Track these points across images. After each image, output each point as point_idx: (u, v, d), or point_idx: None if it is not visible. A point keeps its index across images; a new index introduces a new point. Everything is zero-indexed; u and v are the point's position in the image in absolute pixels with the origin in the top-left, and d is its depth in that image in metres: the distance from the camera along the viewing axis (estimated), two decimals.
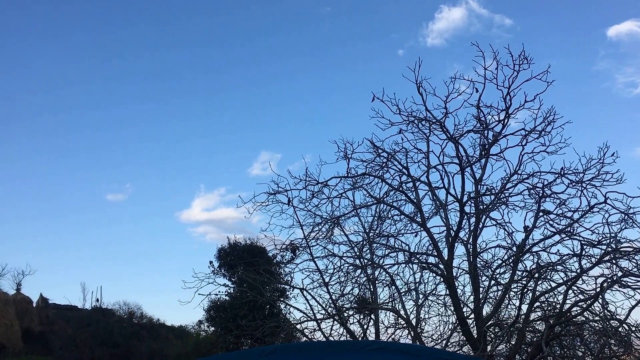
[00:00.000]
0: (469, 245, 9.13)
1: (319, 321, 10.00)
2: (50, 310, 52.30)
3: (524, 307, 8.62)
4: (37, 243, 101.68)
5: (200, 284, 10.14)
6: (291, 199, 9.91)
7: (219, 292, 25.36)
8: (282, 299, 17.08)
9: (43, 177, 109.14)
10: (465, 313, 9.00)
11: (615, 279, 7.93)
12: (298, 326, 10.56)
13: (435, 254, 9.13)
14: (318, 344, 4.53)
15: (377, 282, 10.07)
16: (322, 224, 10.11)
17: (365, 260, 10.02)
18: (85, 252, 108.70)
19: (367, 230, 10.08)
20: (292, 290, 12.77)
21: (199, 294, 10.11)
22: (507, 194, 9.21)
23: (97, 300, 63.39)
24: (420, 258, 9.54)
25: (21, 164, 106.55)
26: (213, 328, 35.14)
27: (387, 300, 10.06)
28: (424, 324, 9.73)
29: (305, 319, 10.19)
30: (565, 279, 8.62)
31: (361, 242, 10.08)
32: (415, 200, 9.32)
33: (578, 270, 8.35)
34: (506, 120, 8.87)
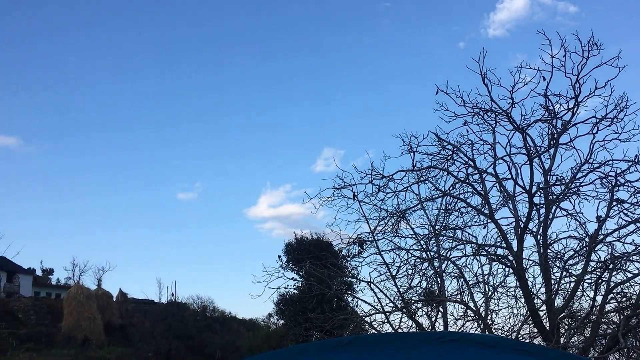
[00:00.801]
0: (539, 237, 8.98)
1: (387, 314, 10.07)
2: (129, 304, 54.51)
3: (598, 299, 8.43)
4: (116, 241, 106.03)
5: (269, 279, 10.34)
6: (356, 194, 10.01)
7: (288, 286, 25.88)
8: (349, 292, 17.25)
9: (119, 179, 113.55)
10: (536, 305, 8.87)
11: None
12: (367, 319, 10.67)
13: (504, 245, 9.04)
14: (394, 335, 4.54)
15: (444, 274, 10.06)
16: (388, 218, 10.16)
17: (432, 253, 10.02)
18: (160, 248, 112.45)
19: (433, 223, 10.07)
20: (359, 284, 12.87)
21: (269, 288, 10.31)
22: (578, 184, 9.00)
23: (172, 294, 65.56)
24: (489, 250, 9.46)
25: (98, 167, 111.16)
26: (282, 321, 35.80)
27: (455, 293, 10.03)
28: (494, 315, 9.66)
29: (373, 311, 10.27)
30: None
31: (427, 235, 10.09)
32: (482, 192, 9.24)
33: None
34: (576, 109, 8.67)
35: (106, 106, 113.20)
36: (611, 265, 8.44)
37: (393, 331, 9.40)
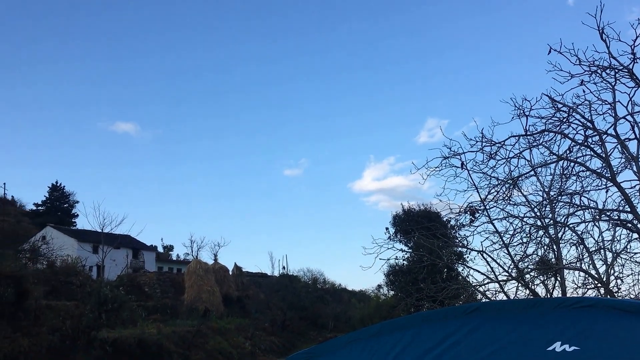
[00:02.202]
0: None
1: (501, 283, 9.87)
2: (244, 277, 57.00)
3: None
4: (229, 218, 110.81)
5: (379, 250, 10.40)
6: (465, 162, 9.78)
7: (397, 257, 25.89)
8: (460, 262, 17.02)
9: (229, 160, 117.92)
10: None
11: None
12: (480, 288, 10.52)
13: (628, 209, 8.52)
14: (521, 302, 4.38)
15: (561, 241, 9.68)
16: (500, 186, 9.88)
17: (548, 220, 9.65)
18: (270, 224, 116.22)
19: (548, 190, 9.68)
20: (470, 253, 12.64)
21: (379, 259, 10.38)
22: None
23: (284, 267, 67.76)
24: (611, 215, 8.96)
25: (211, 146, 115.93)
26: (392, 292, 35.97)
27: (574, 261, 9.63)
28: (619, 282, 9.19)
29: (487, 280, 10.11)
30: None
31: (541, 202, 9.71)
32: (602, 155, 8.74)
33: None
34: None
35: (213, 93, 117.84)
36: None
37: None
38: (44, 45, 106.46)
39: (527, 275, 9.88)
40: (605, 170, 8.78)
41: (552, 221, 9.67)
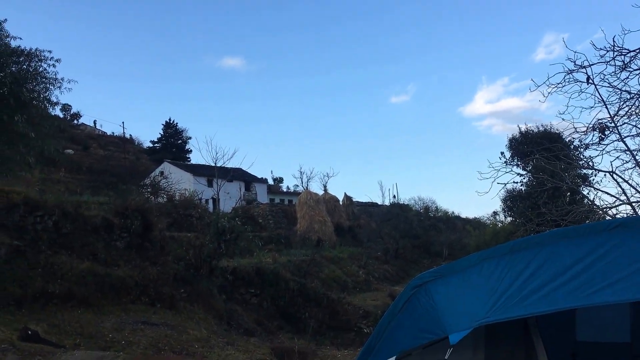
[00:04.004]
0: None
1: (634, 205, 9.01)
2: (355, 207, 57.48)
3: None
4: (336, 149, 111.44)
5: (496, 174, 9.86)
6: (591, 76, 8.77)
7: (515, 182, 24.78)
8: (585, 184, 15.88)
9: (335, 88, 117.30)
10: None
11: None
12: (610, 211, 9.72)
13: None
14: None
15: None
16: (633, 100, 8.82)
17: None
18: (377, 153, 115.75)
19: None
20: (596, 175, 11.66)
21: (497, 183, 9.88)
22: None
23: (394, 196, 67.66)
24: None
25: (316, 78, 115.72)
26: (510, 218, 34.75)
27: None
28: None
29: (617, 203, 9.31)
30: None
31: None
32: None
33: None
34: None
35: (315, 25, 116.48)
36: None
37: None
38: None
39: None
40: None
41: None
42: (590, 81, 8.83)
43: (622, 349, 5.24)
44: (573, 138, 10.08)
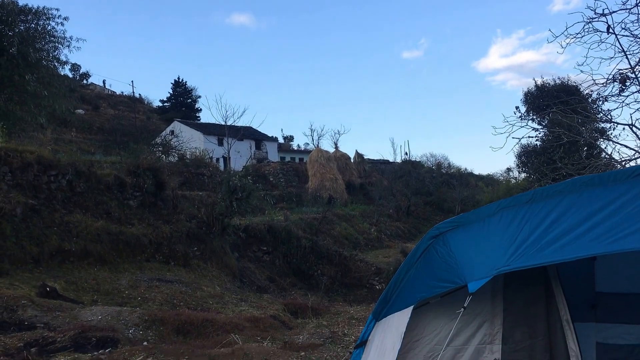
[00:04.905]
0: None
1: None
2: (366, 164, 57.32)
3: None
4: (348, 105, 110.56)
5: (511, 129, 9.62)
6: (612, 26, 8.47)
7: (530, 136, 24.48)
8: (603, 138, 15.63)
9: (344, 45, 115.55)
10: None
11: None
12: (629, 164, 9.52)
13: None
14: None
15: None
16: None
17: None
18: (389, 109, 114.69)
19: None
20: (615, 129, 11.44)
21: (512, 138, 9.66)
22: None
23: (406, 153, 67.41)
24: None
25: (325, 35, 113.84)
26: (524, 174, 34.49)
27: None
28: None
29: (637, 155, 9.12)
30: None
31: None
32: None
33: None
34: None
35: None
36: None
37: None
38: None
39: None
40: None
41: None
42: (610, 30, 8.53)
43: None
44: (591, 90, 9.83)
